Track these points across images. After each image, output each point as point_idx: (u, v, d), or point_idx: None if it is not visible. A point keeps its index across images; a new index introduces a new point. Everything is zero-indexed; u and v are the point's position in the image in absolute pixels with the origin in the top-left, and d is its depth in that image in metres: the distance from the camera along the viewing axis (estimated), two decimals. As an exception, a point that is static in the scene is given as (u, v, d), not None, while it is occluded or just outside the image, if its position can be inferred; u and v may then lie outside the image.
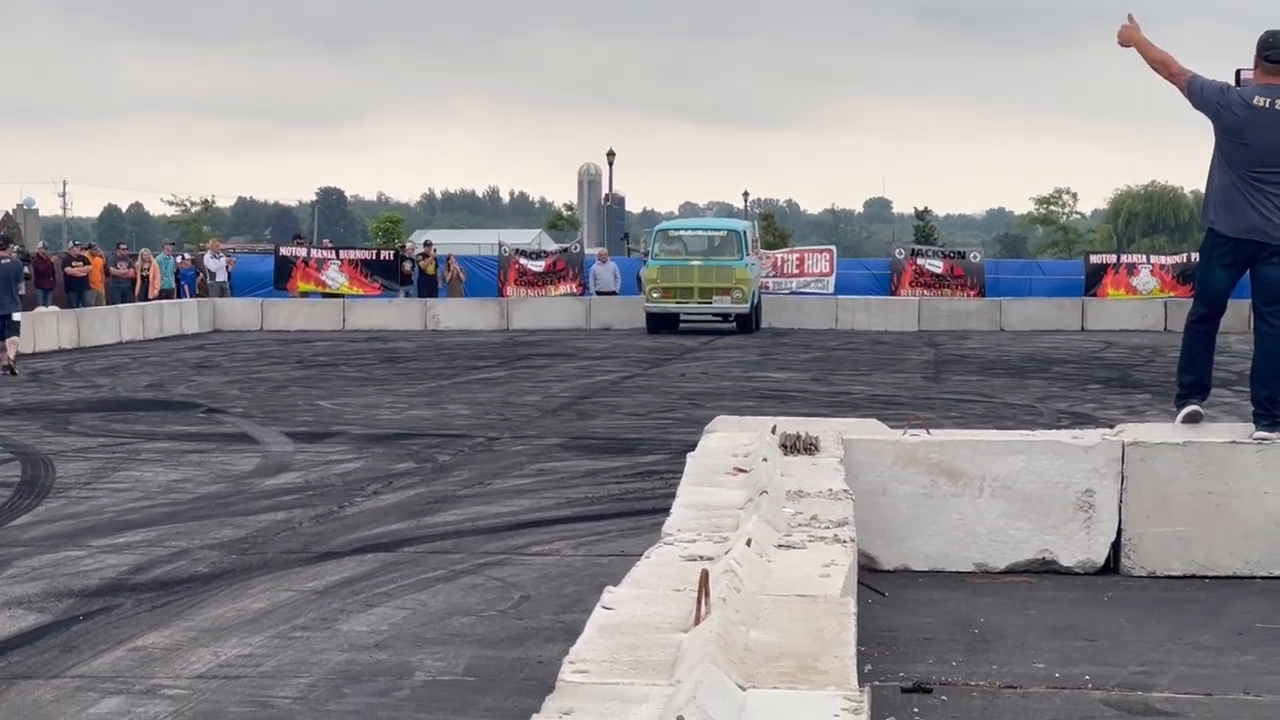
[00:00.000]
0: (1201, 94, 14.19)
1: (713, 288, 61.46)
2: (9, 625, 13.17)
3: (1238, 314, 14.60)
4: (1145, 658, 11.60)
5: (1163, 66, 14.49)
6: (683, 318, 64.48)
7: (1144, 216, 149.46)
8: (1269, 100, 13.95)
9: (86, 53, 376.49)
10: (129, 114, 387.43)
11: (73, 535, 17.59)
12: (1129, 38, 14.73)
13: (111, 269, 64.34)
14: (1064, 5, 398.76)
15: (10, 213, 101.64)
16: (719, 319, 63.89)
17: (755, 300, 63.49)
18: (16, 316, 42.76)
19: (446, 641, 12.65)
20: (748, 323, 62.91)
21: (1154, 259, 68.09)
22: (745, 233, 66.02)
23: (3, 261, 42.32)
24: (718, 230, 68.13)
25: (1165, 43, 14.95)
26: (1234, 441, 14.47)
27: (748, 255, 63.68)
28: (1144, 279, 64.84)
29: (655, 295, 62.30)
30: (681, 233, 68.48)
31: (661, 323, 63.58)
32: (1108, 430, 15.53)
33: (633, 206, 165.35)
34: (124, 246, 75.72)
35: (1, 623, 13.24)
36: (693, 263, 62.64)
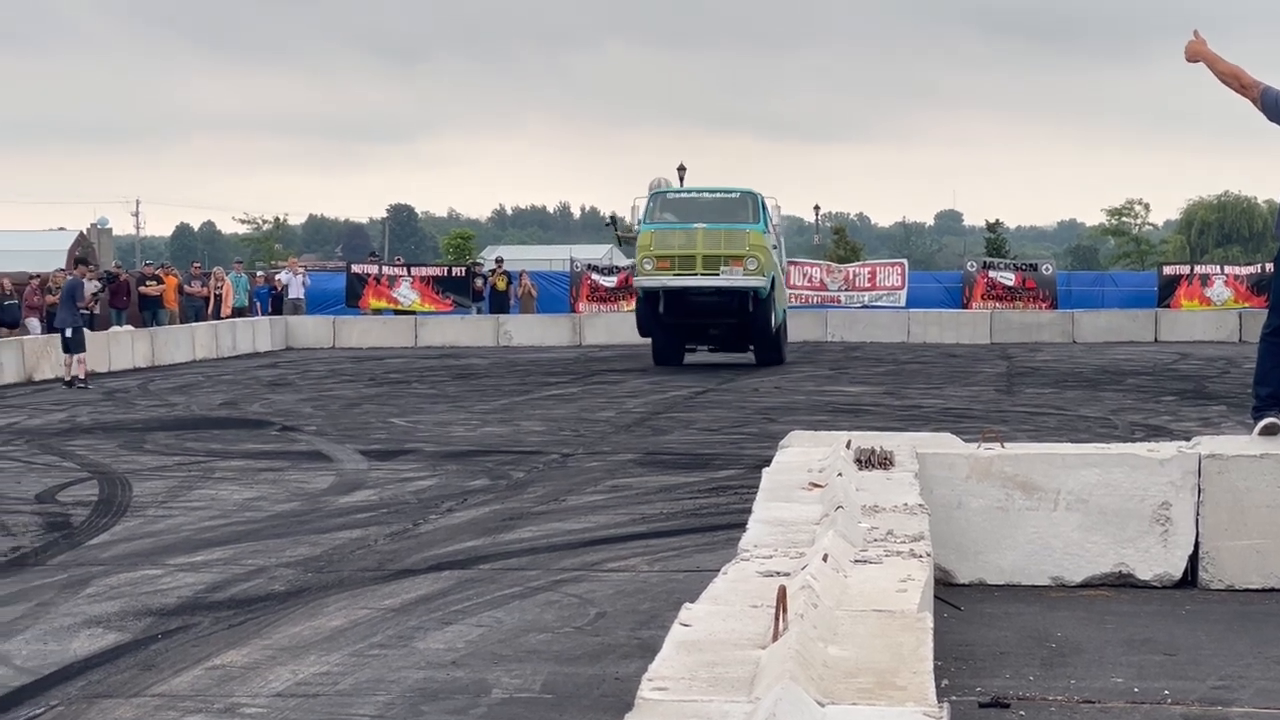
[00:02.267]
0: (1276, 106, 14.14)
1: (720, 255, 48.05)
2: (89, 644, 13.21)
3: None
4: (1225, 672, 11.55)
5: (1233, 79, 14.45)
6: (689, 310, 49.74)
7: (1217, 227, 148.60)
8: None
9: (155, 72, 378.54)
10: (199, 133, 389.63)
11: (150, 554, 17.65)
12: (1196, 52, 14.71)
13: (185, 287, 64.86)
14: (1130, 16, 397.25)
15: (85, 232, 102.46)
16: (729, 300, 48.78)
17: (774, 289, 50.29)
18: (69, 333, 42.99)
19: (523, 659, 12.63)
20: (765, 318, 49.29)
21: (1228, 269, 68.13)
22: (762, 199, 52.48)
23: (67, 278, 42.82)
24: (729, 193, 53.55)
25: (1230, 53, 14.93)
26: (1312, 453, 14.42)
27: (765, 225, 50.83)
28: (1218, 290, 64.72)
29: (648, 266, 48.97)
30: (684, 195, 54.66)
31: (663, 333, 50.77)
32: (1183, 443, 15.43)
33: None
34: (198, 265, 76.53)
35: (81, 641, 13.29)
36: (696, 225, 49.37)
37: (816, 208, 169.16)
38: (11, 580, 16.22)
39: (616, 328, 63.46)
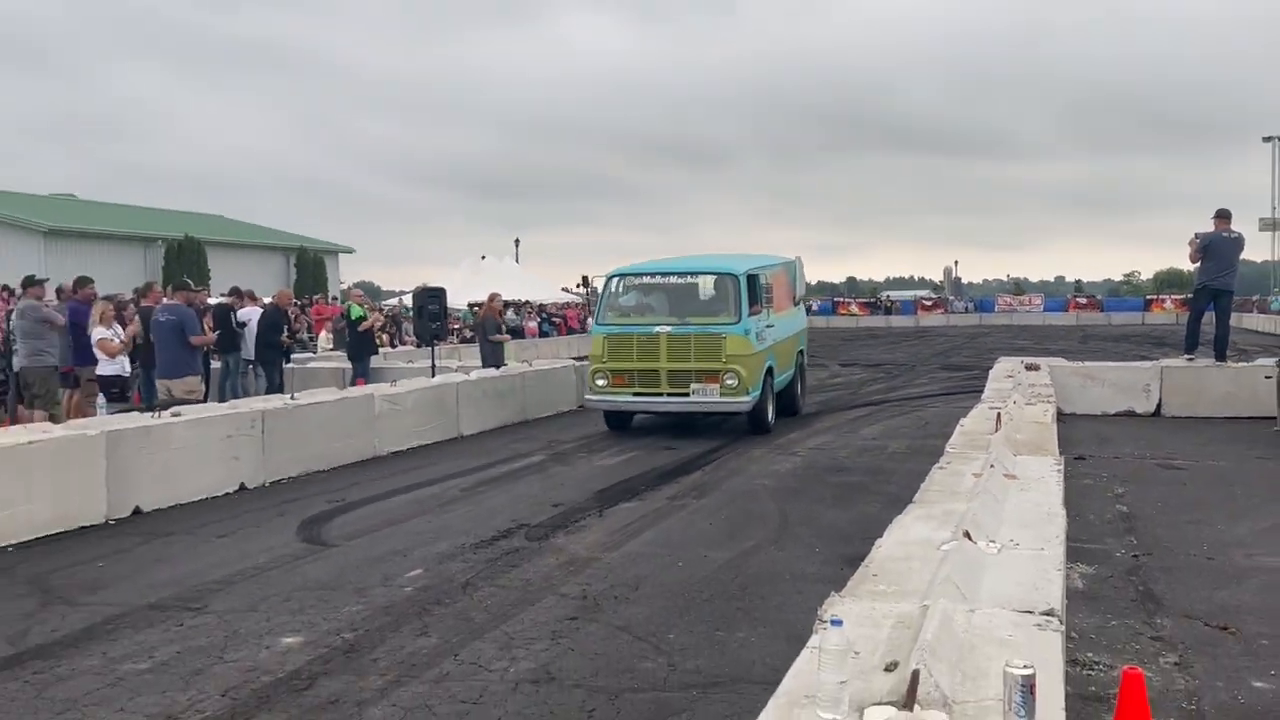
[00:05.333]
0: (1203, 250, 13.20)
1: (690, 370, 12.03)
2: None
3: (1209, 318, 13.80)
4: (1171, 448, 10.90)
5: (1193, 256, 13.43)
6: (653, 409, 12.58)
7: (1168, 281, 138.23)
8: (1227, 234, 13.14)
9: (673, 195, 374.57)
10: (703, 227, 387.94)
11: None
12: (1192, 258, 13.56)
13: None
14: (1136, 197, 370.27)
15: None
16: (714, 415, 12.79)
17: (785, 379, 13.84)
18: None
19: (898, 437, 12.43)
20: (762, 419, 12.54)
21: (1174, 297, 63.40)
22: (755, 277, 12.71)
23: None
24: (702, 274, 12.90)
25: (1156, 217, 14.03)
26: (1208, 365, 13.64)
27: (753, 314, 12.32)
28: (1168, 305, 60.47)
29: (601, 383, 12.37)
30: (645, 279, 13.08)
31: (621, 420, 13.08)
32: (1155, 361, 14.73)
33: (968, 281, 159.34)
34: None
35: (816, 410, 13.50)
36: (658, 329, 12.13)
37: (1008, 275, 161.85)
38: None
39: (933, 319, 60.64)
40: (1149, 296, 68.97)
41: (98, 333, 11.95)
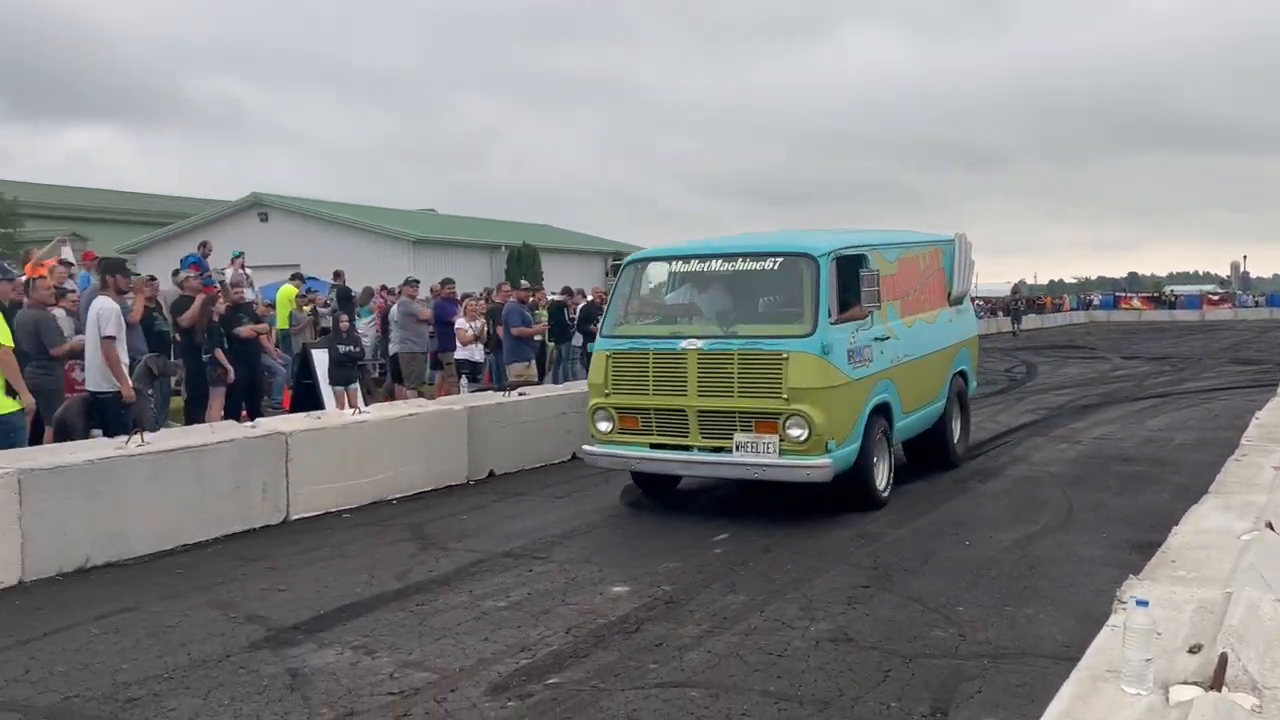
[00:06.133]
0: None
1: (734, 411, 5.61)
2: (1019, 419, 12.61)
3: None
4: None
5: None
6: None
7: None
8: None
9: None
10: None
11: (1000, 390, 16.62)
12: None
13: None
14: None
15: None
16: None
17: (925, 416, 7.44)
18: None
19: (1185, 429, 11.21)
20: (866, 488, 6.23)
21: None
22: (856, 260, 6.27)
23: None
24: (766, 256, 5.72)
25: None
26: None
27: (845, 320, 6.02)
28: None
29: (604, 427, 6.33)
30: (678, 265, 6.15)
31: (656, 482, 6.97)
32: None
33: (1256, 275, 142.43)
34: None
35: (1014, 418, 12.72)
36: (685, 344, 5.66)
37: (1234, 264, 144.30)
38: (995, 398, 14.97)
39: (1222, 314, 54.34)
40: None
41: (459, 323, 12.90)
